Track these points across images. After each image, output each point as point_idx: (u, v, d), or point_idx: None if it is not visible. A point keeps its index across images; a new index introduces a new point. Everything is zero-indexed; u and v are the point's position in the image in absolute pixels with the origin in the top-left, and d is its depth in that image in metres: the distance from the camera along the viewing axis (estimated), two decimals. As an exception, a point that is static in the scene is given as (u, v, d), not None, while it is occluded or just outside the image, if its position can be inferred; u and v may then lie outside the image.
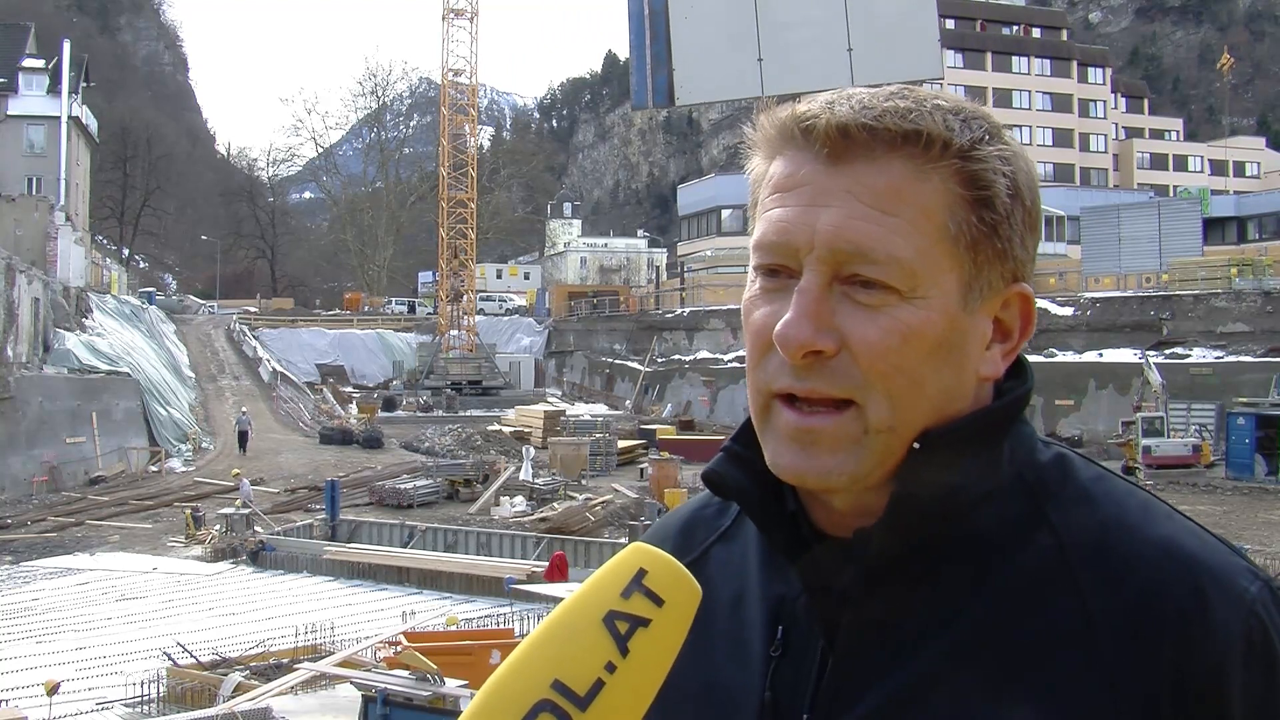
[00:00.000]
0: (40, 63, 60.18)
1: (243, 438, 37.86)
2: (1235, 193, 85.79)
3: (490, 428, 43.42)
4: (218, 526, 23.31)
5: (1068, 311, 38.86)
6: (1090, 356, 36.52)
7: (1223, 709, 0.95)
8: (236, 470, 29.20)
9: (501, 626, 14.96)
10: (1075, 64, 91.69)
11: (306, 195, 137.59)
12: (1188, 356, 34.76)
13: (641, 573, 0.92)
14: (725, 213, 72.79)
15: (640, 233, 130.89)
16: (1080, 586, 0.99)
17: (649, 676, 0.90)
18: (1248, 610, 0.97)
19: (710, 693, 1.12)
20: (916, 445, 1.01)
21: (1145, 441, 29.22)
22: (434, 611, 16.60)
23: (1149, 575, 0.98)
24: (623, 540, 20.46)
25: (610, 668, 0.88)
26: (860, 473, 1.01)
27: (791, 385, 1.01)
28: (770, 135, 1.07)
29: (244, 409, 41.98)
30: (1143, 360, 31.96)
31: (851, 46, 5.68)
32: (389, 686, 9.50)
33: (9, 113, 57.88)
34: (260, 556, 21.07)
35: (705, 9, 6.00)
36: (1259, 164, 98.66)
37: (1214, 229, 66.66)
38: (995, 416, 1.05)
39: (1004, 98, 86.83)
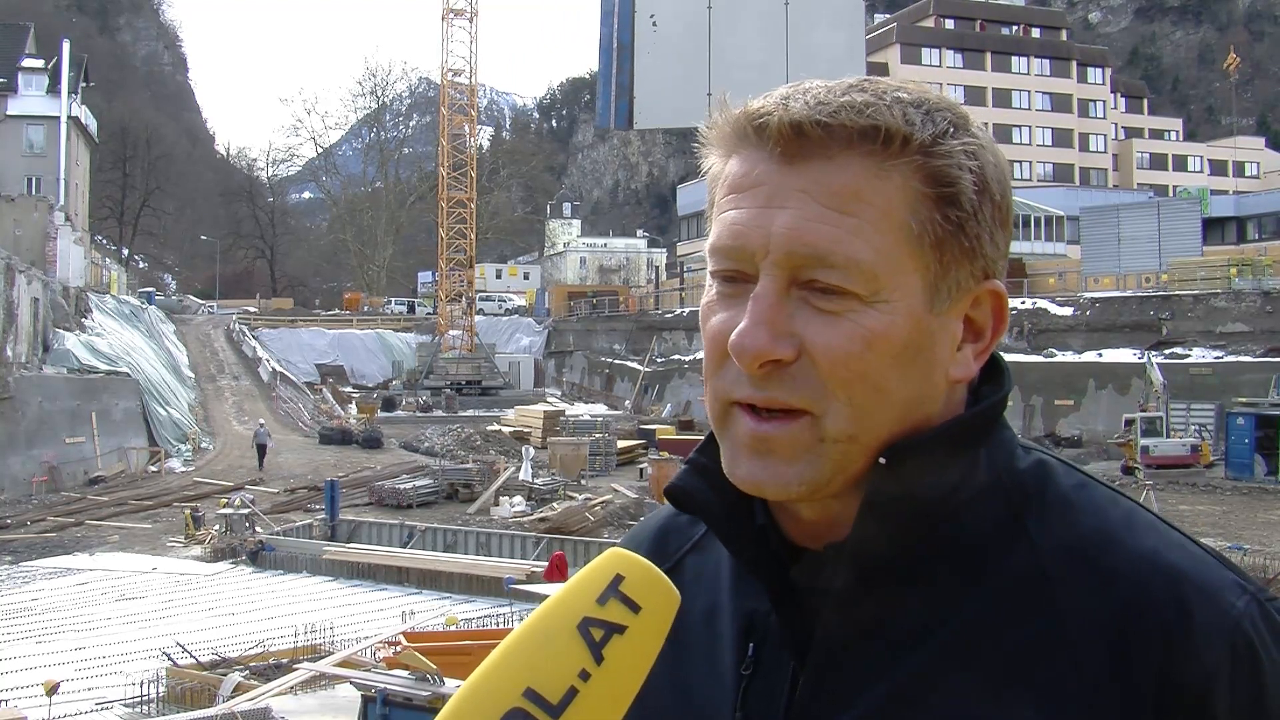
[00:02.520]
0: (40, 63, 60.23)
1: (261, 451, 34.82)
2: (1235, 193, 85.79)
3: (490, 428, 43.41)
4: (217, 526, 23.31)
5: (1067, 311, 38.89)
6: (1090, 356, 36.55)
7: None
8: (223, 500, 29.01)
9: (501, 626, 14.96)
10: (1075, 64, 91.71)
11: (306, 195, 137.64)
12: (1187, 356, 34.78)
13: (618, 578, 0.89)
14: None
15: (640, 233, 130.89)
16: (1058, 600, 0.95)
17: (624, 684, 0.88)
18: (1233, 625, 0.93)
19: (683, 710, 1.08)
20: (883, 460, 0.96)
21: (1144, 441, 29.23)
22: (434, 611, 16.60)
23: (1130, 589, 0.94)
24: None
25: (584, 675, 0.86)
26: (820, 480, 0.97)
27: (751, 395, 0.97)
28: (725, 133, 1.03)
29: (261, 421, 38.72)
30: (1144, 360, 31.95)
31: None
32: (389, 686, 9.50)
33: (8, 113, 57.91)
34: (260, 556, 21.06)
35: (665, 48, 6.73)
36: (1258, 164, 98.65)
37: (1213, 229, 66.64)
38: (968, 426, 1.01)
39: (1004, 98, 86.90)
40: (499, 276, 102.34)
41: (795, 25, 6.60)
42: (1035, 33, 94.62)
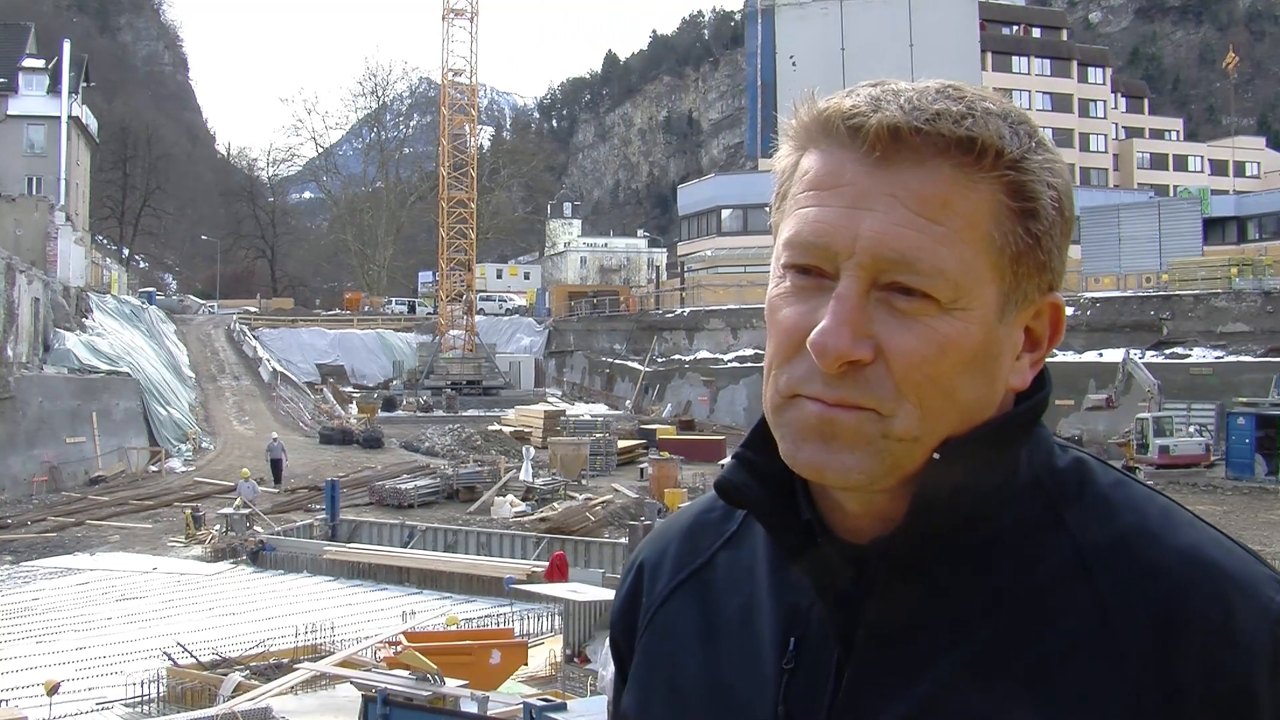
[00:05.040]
0: (40, 63, 60.15)
1: (276, 466, 31.83)
2: (1235, 193, 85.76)
3: (490, 428, 43.44)
4: (218, 526, 23.32)
5: (1068, 311, 38.74)
6: (1090, 356, 36.52)
7: (1249, 718, 0.94)
8: (246, 471, 28.05)
9: (501, 626, 14.97)
10: (1075, 64, 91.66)
11: (306, 195, 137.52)
12: (1188, 356, 34.75)
13: None
14: (725, 213, 72.74)
15: (640, 233, 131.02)
16: (1101, 595, 0.97)
17: None
18: (1274, 620, 0.95)
19: (721, 708, 1.08)
20: (936, 455, 0.99)
21: (1162, 441, 29.30)
22: (434, 611, 16.61)
23: (1172, 585, 0.96)
24: (622, 540, 20.44)
25: None
26: (879, 473, 0.98)
27: (822, 393, 0.98)
28: (807, 126, 1.03)
29: (274, 435, 35.38)
30: (1125, 359, 31.68)
31: None
32: (389, 686, 9.50)
33: (9, 113, 57.85)
34: (260, 556, 21.08)
35: (804, 85, 8.15)
36: (1259, 164, 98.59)
37: (1214, 229, 66.60)
38: (1013, 423, 1.03)
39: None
40: (499, 276, 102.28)
41: (920, 63, 7.29)
42: (1035, 33, 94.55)
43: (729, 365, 46.94)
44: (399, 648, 12.32)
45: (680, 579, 1.19)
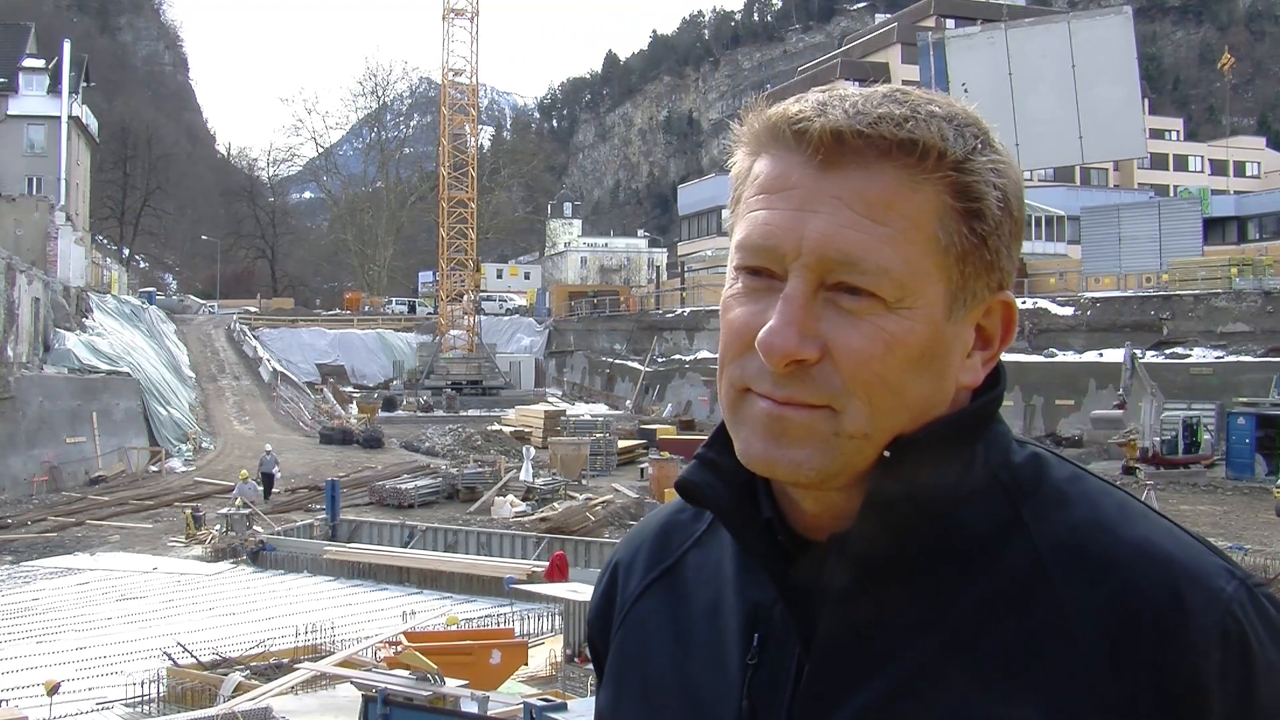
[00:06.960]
0: (40, 63, 60.19)
1: (268, 481, 29.24)
2: (1235, 193, 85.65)
3: (490, 428, 43.45)
4: (218, 526, 23.33)
5: (1068, 311, 38.86)
6: (1090, 356, 36.51)
7: (1201, 707, 0.95)
8: (244, 472, 27.58)
9: (501, 626, 14.97)
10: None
11: (306, 195, 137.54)
12: (1188, 356, 34.74)
13: None
14: (726, 213, 72.22)
15: (640, 233, 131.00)
16: (1057, 587, 0.99)
17: None
18: (1224, 609, 0.97)
19: (689, 703, 1.11)
20: (887, 453, 1.00)
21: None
22: (434, 611, 16.62)
23: (1125, 576, 0.98)
24: (623, 540, 20.43)
25: None
26: (830, 470, 1.00)
27: (772, 391, 1.00)
28: (757, 133, 1.05)
29: (268, 448, 32.63)
30: (1129, 355, 31.41)
31: (1081, 134, 7.27)
32: (389, 686, 9.50)
33: (9, 113, 57.88)
34: (260, 556, 21.09)
35: (976, 106, 9.28)
36: (1259, 164, 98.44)
37: (1214, 229, 66.52)
38: (966, 421, 1.05)
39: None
40: (500, 276, 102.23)
41: (1082, 83, 7.56)
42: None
43: (729, 365, 46.85)
44: (399, 648, 12.32)
45: (651, 578, 1.22)
